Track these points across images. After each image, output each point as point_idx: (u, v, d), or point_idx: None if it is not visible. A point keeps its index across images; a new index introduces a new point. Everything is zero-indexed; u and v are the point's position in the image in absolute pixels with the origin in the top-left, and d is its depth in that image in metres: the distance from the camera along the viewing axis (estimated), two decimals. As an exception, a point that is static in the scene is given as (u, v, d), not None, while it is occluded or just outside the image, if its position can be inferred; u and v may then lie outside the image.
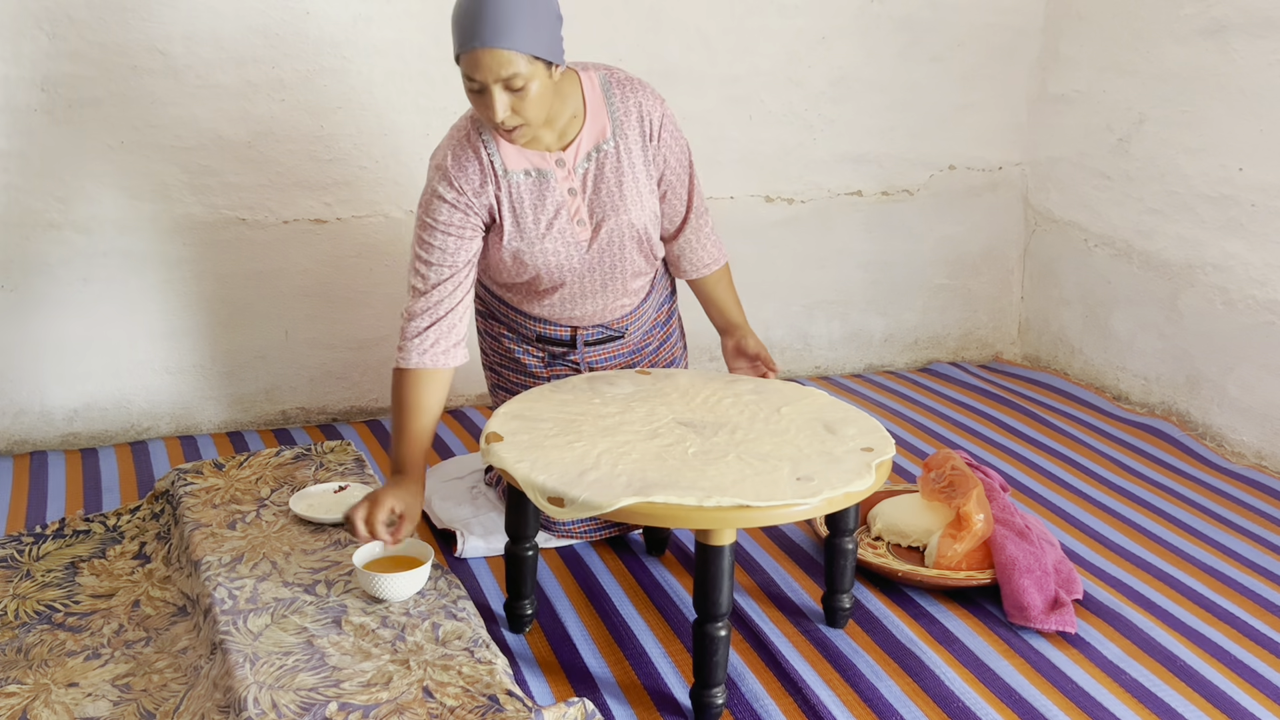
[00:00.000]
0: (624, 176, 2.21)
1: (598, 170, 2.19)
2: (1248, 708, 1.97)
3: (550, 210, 2.18)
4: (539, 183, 2.17)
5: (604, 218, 2.21)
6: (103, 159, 2.86)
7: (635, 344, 2.48)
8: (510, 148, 2.15)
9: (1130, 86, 3.38)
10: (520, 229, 2.18)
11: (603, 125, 2.19)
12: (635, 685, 2.01)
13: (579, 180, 2.19)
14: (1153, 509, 2.75)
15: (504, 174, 2.15)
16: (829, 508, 1.86)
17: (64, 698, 1.85)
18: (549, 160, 2.17)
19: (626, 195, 2.21)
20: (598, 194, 2.20)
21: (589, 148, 2.19)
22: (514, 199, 2.16)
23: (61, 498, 2.70)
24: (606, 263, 2.27)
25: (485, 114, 2.02)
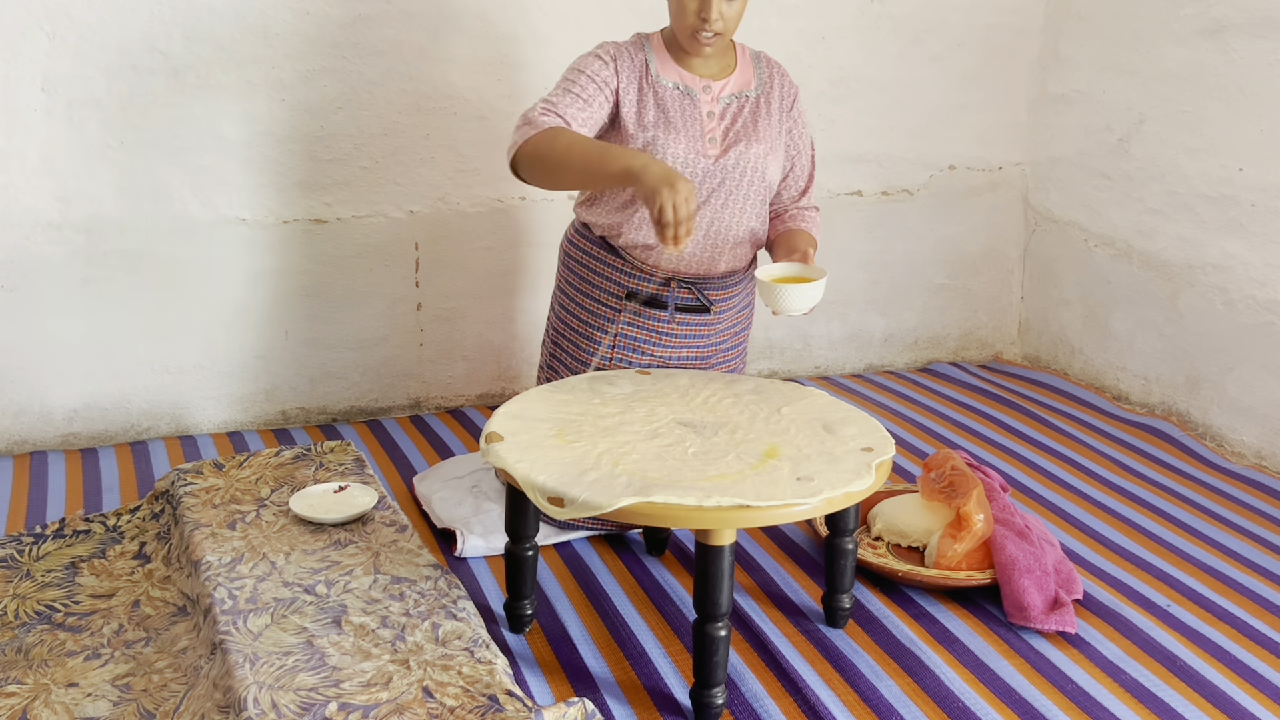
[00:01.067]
0: (759, 122, 2.41)
1: (738, 110, 2.41)
2: (1248, 708, 1.97)
3: (689, 119, 2.35)
4: (684, 96, 2.37)
5: (734, 143, 2.37)
6: (103, 159, 2.86)
7: (717, 333, 2.49)
8: (667, 61, 2.38)
9: (1130, 86, 3.38)
10: (665, 119, 2.33)
11: (749, 79, 2.45)
12: (635, 685, 2.01)
13: (719, 109, 2.38)
14: (1153, 509, 2.75)
15: (656, 77, 2.36)
16: (829, 508, 1.86)
17: (64, 698, 1.85)
18: (698, 83, 2.38)
19: (760, 134, 2.40)
20: (733, 125, 2.39)
21: (734, 90, 2.42)
22: (658, 98, 2.35)
23: (61, 498, 2.70)
24: (727, 186, 2.37)
25: (692, 18, 2.25)
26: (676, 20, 2.31)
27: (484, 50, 3.11)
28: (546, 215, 3.27)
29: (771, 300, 2.14)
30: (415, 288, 3.22)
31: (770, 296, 2.14)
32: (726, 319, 2.51)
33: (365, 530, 2.23)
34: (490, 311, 3.30)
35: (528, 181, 2.28)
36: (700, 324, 2.47)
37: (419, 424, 3.20)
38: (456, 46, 3.08)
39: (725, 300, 2.49)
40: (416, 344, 3.26)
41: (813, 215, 2.57)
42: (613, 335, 2.46)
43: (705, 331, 2.48)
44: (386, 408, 3.28)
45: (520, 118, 2.28)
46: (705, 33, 2.27)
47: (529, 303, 3.30)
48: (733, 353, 2.57)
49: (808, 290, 2.11)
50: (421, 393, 3.30)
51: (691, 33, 2.28)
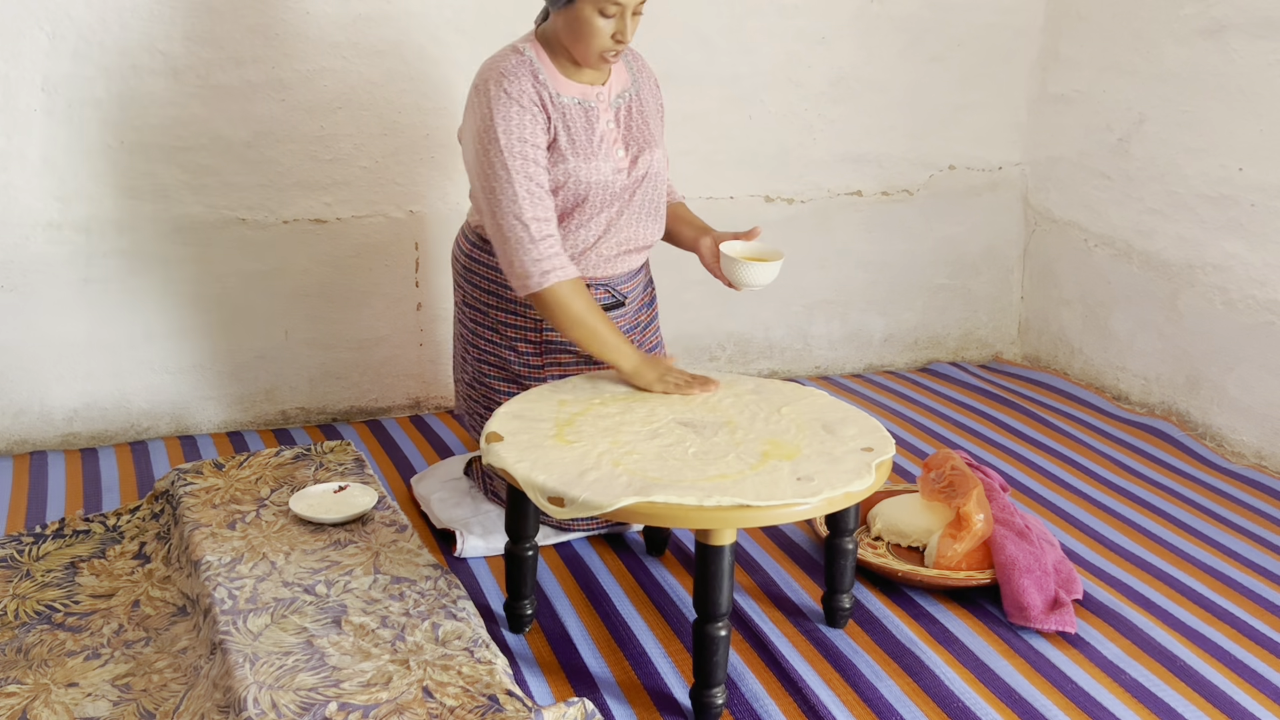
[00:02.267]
0: (649, 122, 2.43)
1: (626, 110, 2.40)
2: (1248, 708, 1.97)
3: (598, 134, 2.34)
4: (585, 110, 2.33)
5: (640, 150, 2.39)
6: (103, 159, 2.86)
7: (630, 320, 2.52)
8: (559, 77, 2.31)
9: (1130, 86, 3.38)
10: (575, 147, 2.30)
11: (624, 76, 2.43)
12: (635, 685, 2.01)
13: (613, 114, 2.38)
14: (1153, 509, 2.75)
15: (556, 97, 2.29)
16: (828, 508, 1.86)
17: (64, 698, 1.85)
18: (591, 93, 2.34)
19: (653, 135, 2.43)
20: (630, 130, 2.39)
21: (618, 91, 2.40)
22: (566, 120, 2.30)
23: (61, 498, 2.69)
24: (639, 195, 2.41)
25: (605, 41, 2.21)
26: (581, 43, 2.22)
27: (484, 50, 3.10)
28: (546, 215, 3.27)
29: (735, 274, 2.29)
30: (415, 288, 3.22)
31: (735, 271, 2.29)
32: (636, 306, 2.54)
33: (365, 530, 2.23)
34: (490, 311, 3.30)
35: None
36: (615, 318, 2.48)
37: (419, 424, 3.20)
38: (456, 46, 3.08)
39: (634, 291, 2.53)
40: (416, 344, 3.26)
41: (674, 186, 2.66)
42: (537, 344, 2.44)
43: (620, 324, 2.49)
44: (386, 408, 3.28)
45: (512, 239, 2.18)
46: (613, 53, 2.24)
47: (529, 303, 3.31)
48: (650, 330, 2.61)
49: (771, 267, 2.28)
50: (421, 393, 3.30)
51: (599, 54, 2.23)
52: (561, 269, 2.20)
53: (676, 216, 2.54)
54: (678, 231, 2.52)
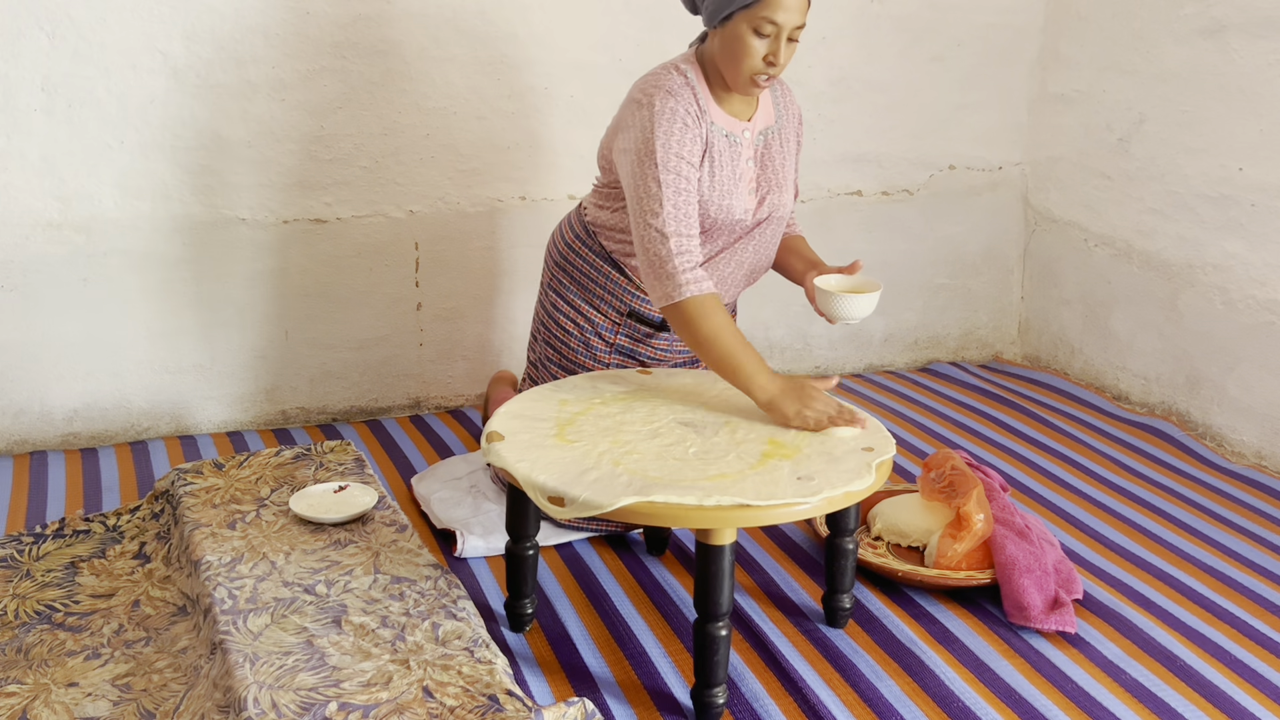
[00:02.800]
0: (785, 161, 2.40)
1: (765, 149, 2.36)
2: (1248, 708, 1.97)
3: (738, 173, 2.30)
4: (731, 144, 2.29)
5: (767, 193, 2.35)
6: (103, 159, 2.86)
7: None
8: (713, 106, 2.26)
9: (1130, 86, 3.38)
10: (713, 179, 2.25)
11: (770, 112, 2.39)
12: (635, 685, 2.01)
13: (753, 153, 2.34)
14: (1153, 509, 2.75)
15: (711, 125, 2.25)
16: (829, 507, 1.87)
17: (64, 698, 1.84)
18: (739, 127, 2.31)
19: (784, 178, 2.39)
20: (765, 170, 2.36)
21: (761, 127, 2.36)
22: (715, 150, 2.26)
23: (61, 498, 2.69)
24: (762, 231, 2.38)
25: (757, 63, 2.14)
26: (736, 62, 2.16)
27: (484, 50, 3.11)
28: (546, 215, 3.27)
29: (831, 308, 2.22)
30: (415, 288, 3.22)
31: (830, 305, 2.22)
32: None
33: (365, 530, 2.23)
34: (490, 311, 3.30)
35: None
36: None
37: (419, 424, 3.20)
38: (456, 46, 3.08)
39: None
40: (416, 344, 3.26)
41: (795, 218, 2.61)
42: (610, 344, 2.47)
43: None
44: (386, 408, 3.27)
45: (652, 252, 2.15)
46: (765, 77, 2.18)
47: (529, 303, 3.30)
48: None
49: (867, 300, 2.21)
50: (421, 393, 3.30)
51: (751, 77, 2.18)
52: (698, 283, 2.13)
53: (790, 249, 2.49)
54: (788, 264, 2.48)
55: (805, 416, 2.05)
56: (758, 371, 2.09)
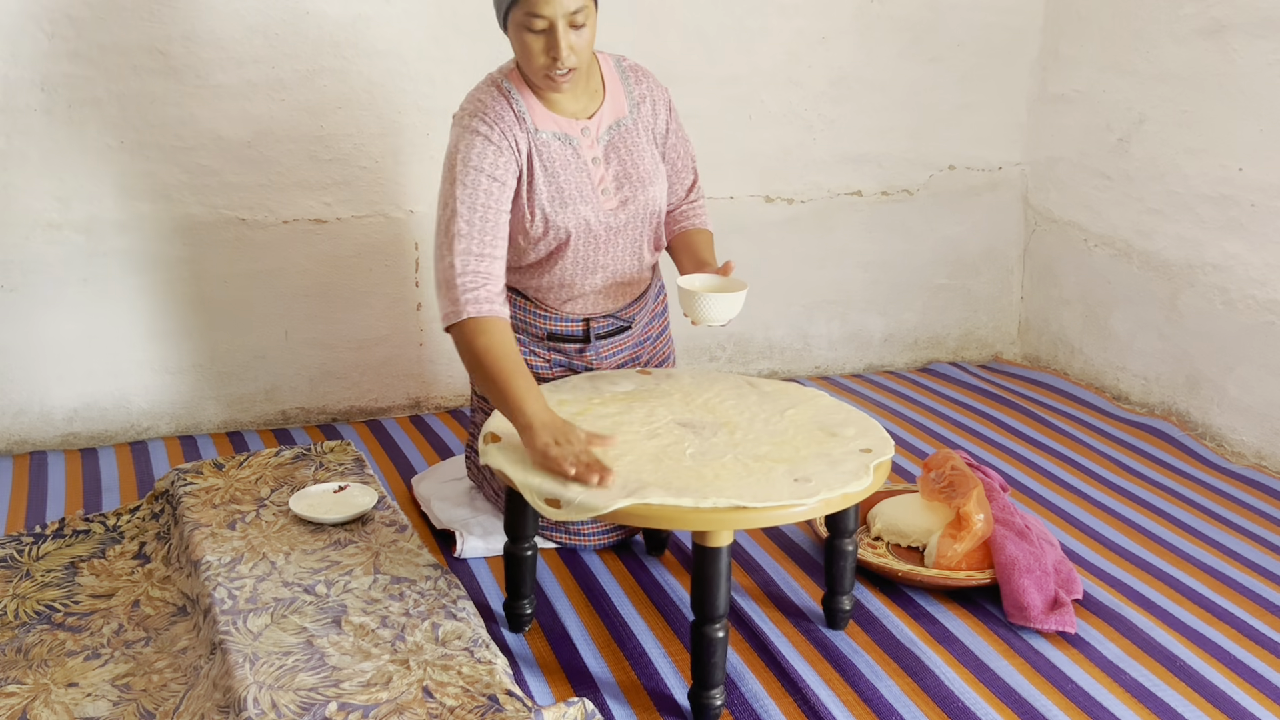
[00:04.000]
0: (643, 154, 2.31)
1: (619, 144, 2.29)
2: (1248, 708, 1.97)
3: (579, 173, 2.24)
4: (566, 146, 2.23)
5: (630, 194, 2.29)
6: (103, 159, 2.86)
7: (638, 335, 2.51)
8: (539, 109, 2.21)
9: (1130, 86, 3.38)
10: (553, 187, 2.21)
11: (620, 103, 2.31)
12: (635, 685, 2.01)
13: (601, 151, 2.27)
14: (1153, 509, 2.75)
15: (535, 131, 2.20)
16: (826, 509, 1.86)
17: (64, 698, 1.85)
18: (575, 127, 2.24)
19: (646, 171, 2.31)
20: (622, 167, 2.29)
21: (610, 122, 2.28)
22: (545, 157, 2.21)
23: (61, 498, 2.70)
24: (627, 232, 2.32)
25: (541, 58, 2.09)
26: (525, 64, 2.13)
27: (483, 50, 3.10)
28: (546, 215, 3.27)
29: (693, 310, 2.11)
30: (415, 288, 3.22)
31: (692, 306, 2.11)
32: (642, 322, 2.52)
33: (365, 530, 2.23)
34: (490, 311, 3.30)
35: None
36: (623, 339, 2.48)
37: (419, 424, 3.20)
38: (456, 46, 3.08)
39: (640, 313, 2.50)
40: (416, 344, 3.26)
41: (700, 207, 2.49)
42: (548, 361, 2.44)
43: (628, 342, 2.50)
44: (386, 408, 3.28)
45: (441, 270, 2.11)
46: (559, 70, 2.10)
47: (529, 303, 3.31)
48: (661, 341, 2.58)
49: (729, 300, 2.09)
50: (421, 393, 3.30)
51: (543, 73, 2.11)
52: (477, 304, 2.07)
53: (686, 244, 2.41)
54: (678, 260, 2.42)
55: (551, 454, 1.87)
56: (526, 398, 1.97)
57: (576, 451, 1.87)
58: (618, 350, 2.48)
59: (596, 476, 1.82)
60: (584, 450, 1.88)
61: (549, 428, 1.92)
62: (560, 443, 1.89)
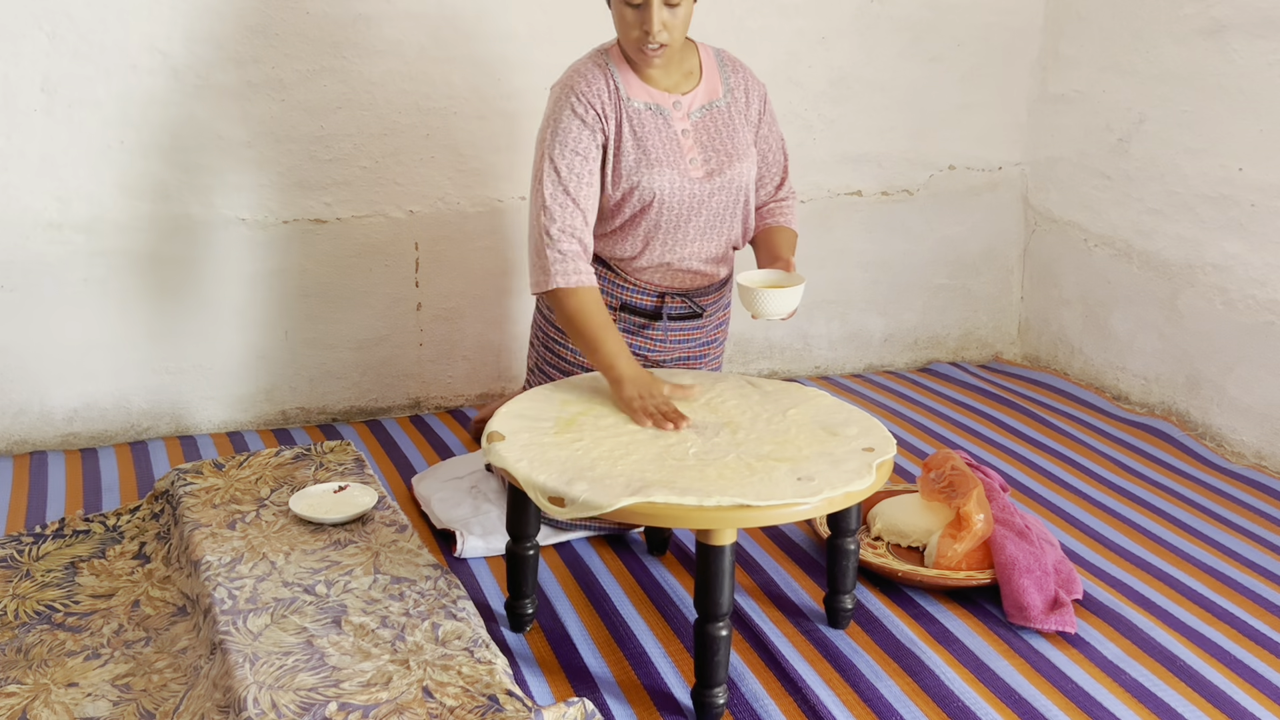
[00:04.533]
0: (735, 133, 2.40)
1: (710, 122, 2.38)
2: (1248, 708, 1.97)
3: (667, 144, 2.33)
4: (657, 116, 2.33)
5: (718, 166, 2.36)
6: (103, 159, 2.86)
7: (707, 334, 2.55)
8: (635, 81, 2.33)
9: (1130, 86, 3.38)
10: (641, 152, 2.31)
11: (715, 87, 2.41)
12: (635, 685, 2.01)
13: (691, 125, 2.36)
14: (1153, 509, 2.75)
15: (627, 100, 2.31)
16: (829, 508, 1.86)
17: (64, 698, 1.84)
18: (668, 99, 2.35)
19: (738, 149, 2.39)
20: (711, 142, 2.37)
21: (703, 102, 2.39)
22: (635, 124, 2.31)
23: (61, 498, 2.69)
24: (714, 205, 2.38)
25: (635, 31, 2.21)
26: (622, 36, 2.26)
27: (484, 50, 3.11)
28: (546, 215, 3.27)
29: (752, 305, 2.19)
30: (415, 288, 3.22)
31: (751, 301, 2.19)
32: (713, 319, 2.57)
33: (365, 530, 2.23)
34: (490, 311, 3.30)
35: None
36: (692, 327, 2.52)
37: (419, 424, 3.20)
38: (456, 46, 3.08)
39: (713, 304, 2.55)
40: (416, 344, 3.26)
41: (789, 206, 2.57)
42: None
43: (695, 335, 2.54)
44: (386, 408, 3.27)
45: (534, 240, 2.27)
46: (650, 44, 2.22)
47: (529, 303, 3.30)
48: (718, 349, 2.63)
49: (788, 295, 2.18)
50: (421, 393, 3.30)
51: (637, 46, 2.24)
52: (563, 275, 2.23)
53: (766, 241, 2.48)
54: (757, 255, 2.49)
55: (634, 405, 2.10)
56: (617, 356, 2.18)
57: (657, 403, 2.10)
58: (684, 339, 2.51)
59: (671, 425, 2.06)
60: (664, 401, 2.11)
61: (635, 382, 2.15)
62: (644, 395, 2.12)
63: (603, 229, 2.40)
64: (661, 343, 2.50)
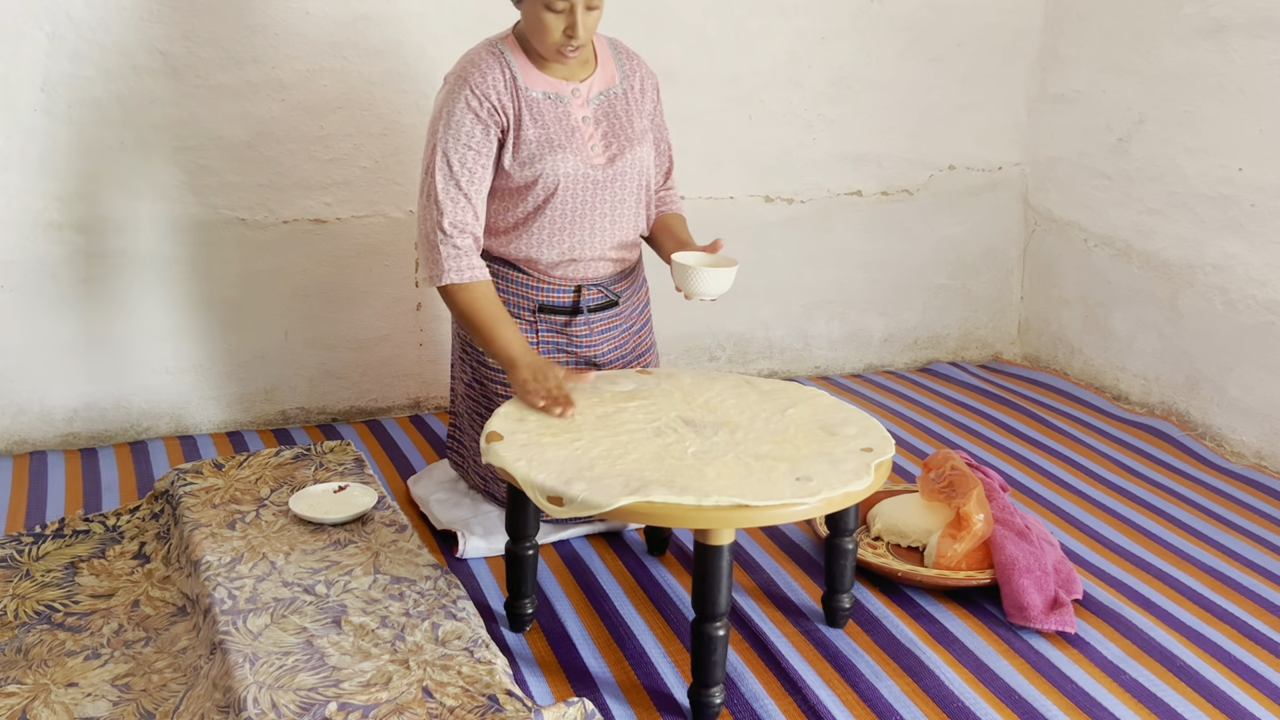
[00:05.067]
0: (632, 118, 2.43)
1: (609, 108, 2.40)
2: (1248, 708, 1.97)
3: (569, 128, 2.35)
4: (556, 104, 2.35)
5: (619, 150, 2.39)
6: (103, 159, 2.86)
7: (626, 320, 2.54)
8: (532, 71, 2.34)
9: (1130, 86, 3.38)
10: (542, 138, 2.32)
11: (611, 74, 2.43)
12: (635, 685, 2.01)
13: (591, 112, 2.38)
14: (1153, 509, 2.75)
15: (525, 90, 2.32)
16: (827, 508, 1.86)
17: (64, 698, 1.85)
18: (566, 88, 2.36)
19: (637, 133, 2.42)
20: (611, 128, 2.39)
21: (600, 89, 2.41)
22: (534, 112, 2.33)
23: (61, 498, 2.70)
24: (615, 190, 2.40)
25: (557, 36, 2.22)
26: (537, 37, 2.26)
27: (484, 50, 3.11)
28: (546, 215, 3.27)
29: (687, 283, 2.23)
30: (415, 288, 3.22)
31: (686, 280, 2.22)
32: (631, 306, 2.57)
33: (365, 530, 2.23)
34: (490, 311, 3.30)
35: None
36: (611, 316, 2.52)
37: (419, 424, 3.20)
38: (456, 46, 3.07)
39: (629, 290, 2.56)
40: (416, 344, 3.26)
41: (676, 195, 2.63)
42: (536, 346, 2.46)
43: (616, 323, 2.53)
44: (386, 408, 3.28)
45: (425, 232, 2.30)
46: (569, 48, 2.25)
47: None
48: (645, 332, 2.63)
49: (723, 274, 2.22)
50: (421, 393, 3.30)
51: (556, 48, 2.26)
52: (456, 271, 2.27)
53: (665, 227, 2.52)
54: (659, 242, 2.52)
55: (527, 387, 2.14)
56: (512, 343, 2.23)
57: (550, 386, 2.12)
58: (607, 329, 2.51)
59: (559, 409, 2.07)
60: (556, 385, 2.13)
61: (529, 366, 2.18)
62: (537, 378, 2.14)
63: (509, 224, 2.40)
64: (586, 337, 2.49)
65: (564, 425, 2.07)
